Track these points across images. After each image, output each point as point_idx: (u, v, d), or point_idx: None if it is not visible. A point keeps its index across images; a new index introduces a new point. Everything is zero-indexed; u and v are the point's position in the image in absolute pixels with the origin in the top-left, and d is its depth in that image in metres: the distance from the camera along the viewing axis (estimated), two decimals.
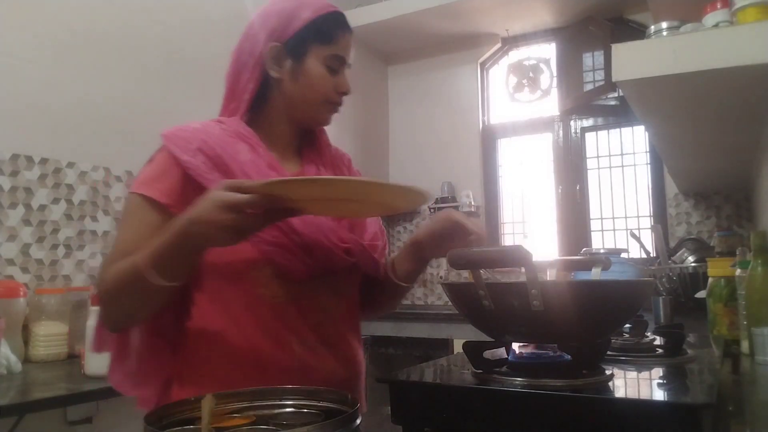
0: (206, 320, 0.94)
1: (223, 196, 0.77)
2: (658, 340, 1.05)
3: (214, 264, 0.92)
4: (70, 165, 2.14)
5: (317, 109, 1.04)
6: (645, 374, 0.83)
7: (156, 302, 0.89)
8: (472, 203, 3.68)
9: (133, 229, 0.92)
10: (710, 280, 1.46)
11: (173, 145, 0.94)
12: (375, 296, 1.12)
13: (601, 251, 2.94)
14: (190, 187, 0.91)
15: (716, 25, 1.29)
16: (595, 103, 3.51)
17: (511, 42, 3.79)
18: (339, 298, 1.00)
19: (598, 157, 3.57)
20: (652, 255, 2.73)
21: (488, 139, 3.86)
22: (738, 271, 1.33)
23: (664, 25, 1.38)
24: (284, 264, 0.92)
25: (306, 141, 1.10)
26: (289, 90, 1.02)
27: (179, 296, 0.95)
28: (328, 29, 1.01)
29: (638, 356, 0.95)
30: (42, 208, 2.04)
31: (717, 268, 1.45)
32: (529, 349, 0.85)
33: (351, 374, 0.99)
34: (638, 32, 3.17)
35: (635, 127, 3.40)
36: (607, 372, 0.76)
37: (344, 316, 1.01)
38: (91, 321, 1.56)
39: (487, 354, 0.82)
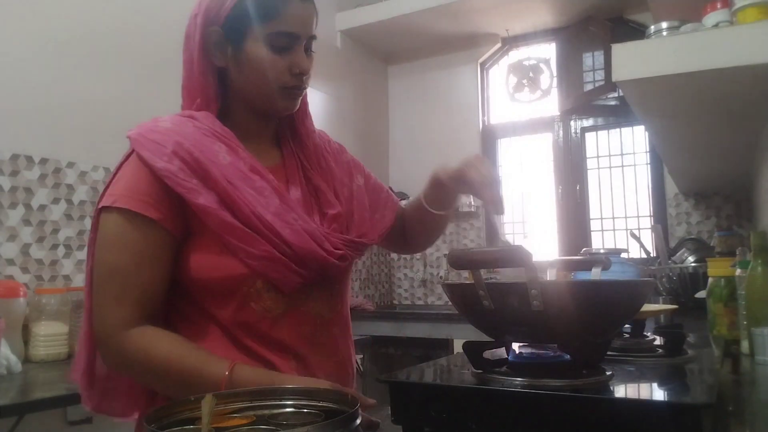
0: (196, 335, 0.87)
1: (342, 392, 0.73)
2: (658, 340, 1.05)
3: (204, 280, 0.85)
4: (70, 165, 2.14)
5: (272, 97, 0.91)
6: (645, 374, 0.83)
7: None
8: (472, 203, 3.68)
9: (128, 252, 0.82)
10: (710, 280, 1.46)
11: (145, 150, 0.83)
12: (416, 230, 1.10)
13: (601, 251, 2.94)
14: (173, 194, 0.83)
15: (716, 25, 1.29)
16: (595, 103, 3.51)
17: (511, 42, 3.79)
18: (332, 302, 0.95)
19: (598, 157, 3.57)
20: (652, 255, 2.73)
21: (488, 139, 3.86)
22: (738, 271, 1.32)
23: (664, 25, 1.38)
24: (276, 277, 0.85)
25: (286, 128, 1.01)
26: (236, 80, 0.91)
27: (164, 311, 0.89)
28: (266, 2, 0.87)
29: (638, 356, 0.95)
30: (42, 208, 2.04)
31: (717, 268, 1.45)
32: (529, 349, 0.85)
33: (346, 377, 0.97)
34: (638, 32, 3.17)
35: (635, 127, 3.41)
36: (607, 372, 0.76)
37: (337, 320, 0.96)
38: None
39: (487, 354, 0.82)
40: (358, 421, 0.55)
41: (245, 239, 0.83)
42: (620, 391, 0.74)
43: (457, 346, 2.74)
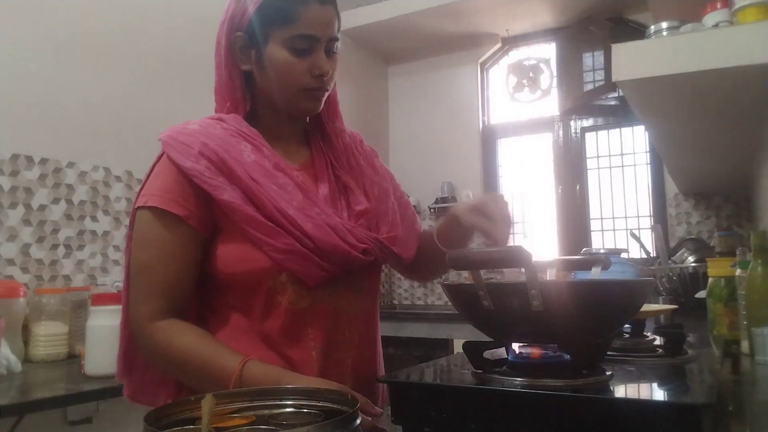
0: (224, 329, 0.92)
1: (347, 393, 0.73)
2: (658, 340, 1.05)
3: (231, 274, 0.89)
4: (70, 165, 2.14)
5: (294, 99, 0.94)
6: (645, 374, 0.83)
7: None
8: None
9: (156, 249, 0.87)
10: (710, 280, 1.46)
11: (174, 151, 0.88)
12: (427, 262, 1.10)
13: (601, 251, 2.94)
14: (200, 193, 0.88)
15: (716, 25, 1.29)
16: (595, 103, 3.51)
17: (511, 42, 3.79)
18: (358, 298, 0.97)
19: (598, 157, 3.57)
20: (652, 255, 2.73)
21: (488, 139, 3.86)
22: (738, 271, 1.32)
23: (664, 25, 1.38)
24: (299, 270, 0.88)
25: (316, 127, 1.05)
26: (260, 82, 0.96)
27: (196, 305, 0.94)
28: (286, 6, 0.89)
29: (638, 356, 0.95)
30: (42, 208, 2.04)
31: (717, 268, 1.45)
32: (529, 349, 0.85)
33: (369, 374, 0.97)
34: (638, 32, 3.17)
35: (635, 127, 3.41)
36: (607, 372, 0.76)
37: (364, 316, 0.98)
38: (92, 321, 1.56)
39: (487, 354, 0.82)
40: (358, 421, 0.55)
41: (268, 233, 0.86)
42: (620, 391, 0.74)
43: (457, 346, 2.75)
